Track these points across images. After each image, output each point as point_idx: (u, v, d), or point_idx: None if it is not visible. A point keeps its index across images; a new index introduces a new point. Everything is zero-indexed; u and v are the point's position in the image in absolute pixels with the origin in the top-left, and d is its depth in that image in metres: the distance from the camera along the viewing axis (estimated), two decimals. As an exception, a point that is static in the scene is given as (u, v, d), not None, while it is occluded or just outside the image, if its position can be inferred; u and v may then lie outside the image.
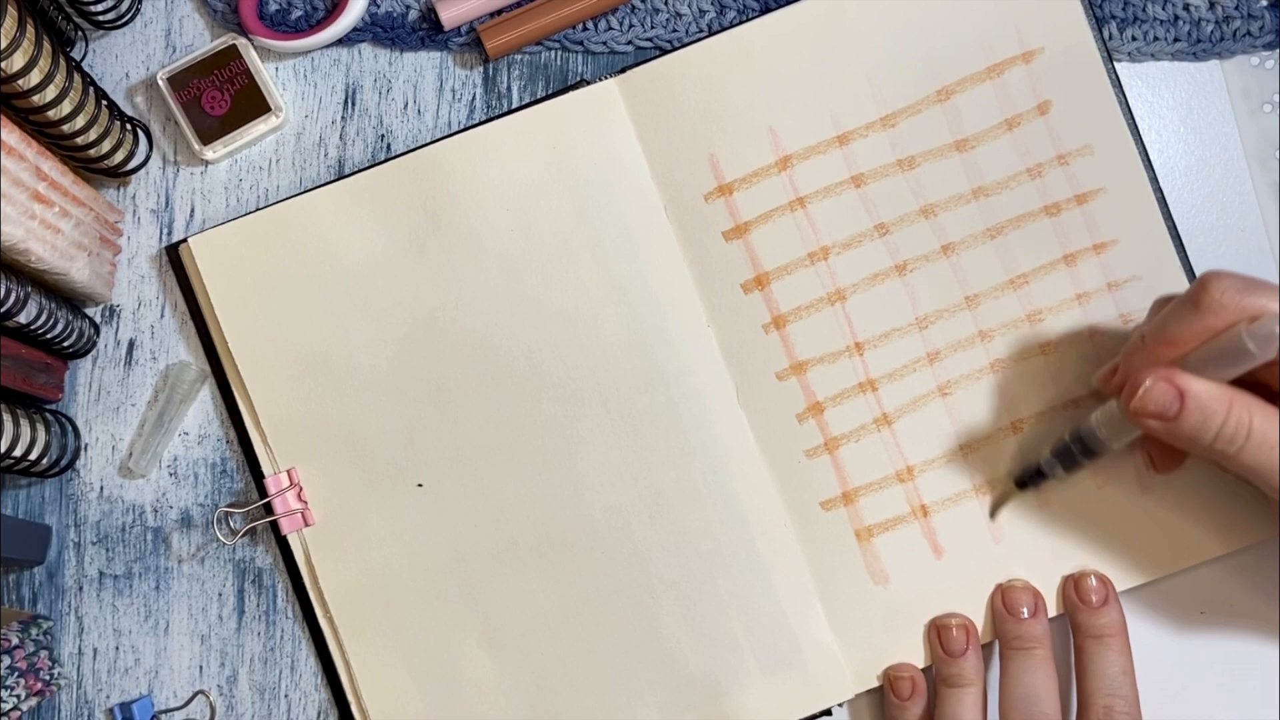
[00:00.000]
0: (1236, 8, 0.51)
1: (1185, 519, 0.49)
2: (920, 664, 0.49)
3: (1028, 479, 0.48)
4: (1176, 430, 0.42)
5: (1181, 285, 0.49)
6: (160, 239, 0.52)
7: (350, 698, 0.50)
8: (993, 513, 0.50)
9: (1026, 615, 0.48)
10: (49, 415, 0.50)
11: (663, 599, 0.50)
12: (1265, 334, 0.39)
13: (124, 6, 0.51)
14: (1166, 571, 0.49)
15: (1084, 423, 0.46)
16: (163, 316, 0.52)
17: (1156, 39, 0.51)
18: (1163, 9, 0.51)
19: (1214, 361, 0.41)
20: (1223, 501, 0.49)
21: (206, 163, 0.52)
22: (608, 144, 0.50)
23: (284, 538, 0.50)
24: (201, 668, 0.51)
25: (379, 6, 0.52)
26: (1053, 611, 0.49)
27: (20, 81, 0.42)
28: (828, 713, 0.50)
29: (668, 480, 0.50)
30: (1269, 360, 0.40)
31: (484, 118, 0.52)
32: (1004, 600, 0.49)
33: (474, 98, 0.52)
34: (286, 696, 0.51)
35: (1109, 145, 0.50)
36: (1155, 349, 0.42)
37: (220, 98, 0.51)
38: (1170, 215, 0.50)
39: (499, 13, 0.52)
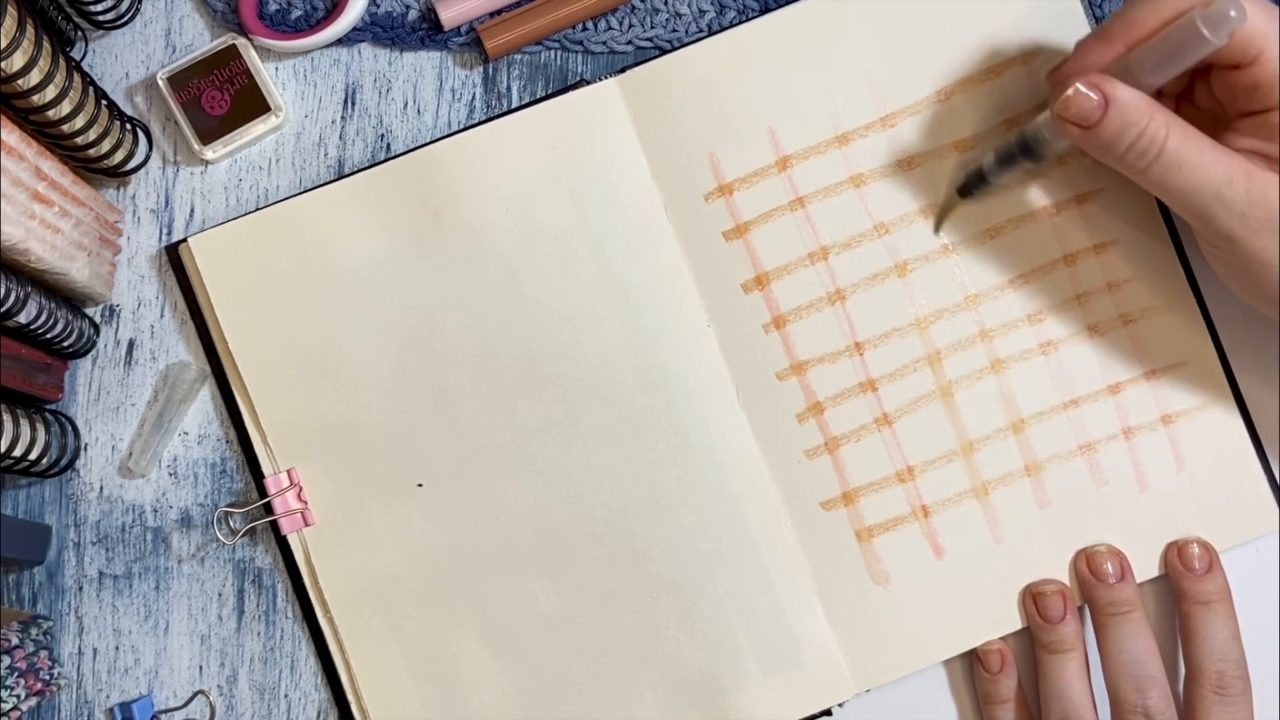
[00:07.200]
0: (1236, 8, 0.51)
1: (1185, 517, 0.49)
2: (923, 666, 0.49)
3: (970, 185, 0.48)
4: (1093, 138, 0.41)
5: (1181, 286, 0.50)
6: (160, 239, 0.52)
7: (350, 698, 0.50)
8: (937, 227, 0.49)
9: (1114, 579, 0.47)
10: (49, 415, 0.50)
11: (662, 599, 0.50)
12: (1219, 16, 0.38)
13: (124, 6, 0.51)
14: (1164, 569, 0.49)
15: (1030, 124, 0.45)
16: (163, 316, 0.52)
17: (1156, 39, 0.51)
18: (1163, 9, 0.51)
19: (1166, 48, 0.39)
20: (1223, 499, 0.49)
21: (206, 163, 0.52)
22: (608, 144, 0.50)
23: (284, 538, 0.50)
24: (201, 668, 0.51)
25: (379, 6, 0.52)
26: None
27: (20, 81, 0.42)
28: (828, 713, 0.50)
29: (668, 480, 0.50)
30: (1218, 46, 0.39)
31: (484, 118, 0.52)
32: (1089, 565, 0.48)
33: (474, 98, 0.52)
34: (286, 696, 0.51)
35: (1109, 145, 0.50)
36: (1111, 31, 0.41)
37: (220, 98, 0.51)
38: (1170, 216, 0.50)
39: (499, 13, 0.52)
